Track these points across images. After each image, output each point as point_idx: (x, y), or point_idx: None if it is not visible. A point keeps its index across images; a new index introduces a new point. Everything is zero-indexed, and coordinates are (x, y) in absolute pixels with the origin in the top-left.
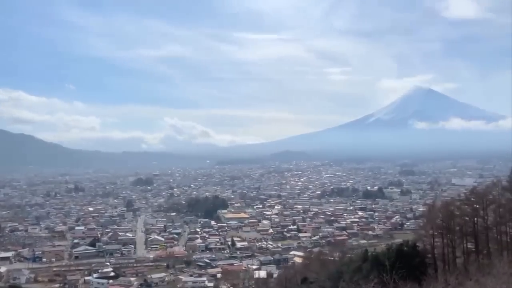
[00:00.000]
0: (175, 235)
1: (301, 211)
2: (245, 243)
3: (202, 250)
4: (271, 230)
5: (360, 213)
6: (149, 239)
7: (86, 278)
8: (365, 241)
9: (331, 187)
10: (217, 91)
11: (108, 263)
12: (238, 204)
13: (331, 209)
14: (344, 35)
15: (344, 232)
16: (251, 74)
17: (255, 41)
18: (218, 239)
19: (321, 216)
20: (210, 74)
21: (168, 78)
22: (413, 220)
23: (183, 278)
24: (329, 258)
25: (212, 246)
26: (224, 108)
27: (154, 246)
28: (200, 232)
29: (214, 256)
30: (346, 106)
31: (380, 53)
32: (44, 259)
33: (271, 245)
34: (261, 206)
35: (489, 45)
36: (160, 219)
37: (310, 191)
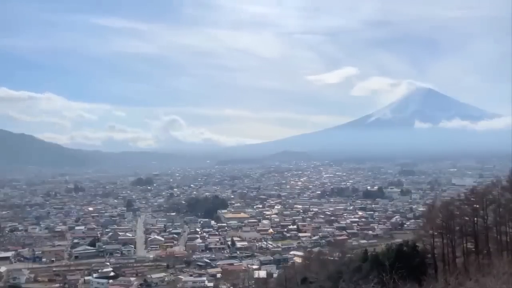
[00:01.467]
0: (175, 235)
1: (301, 211)
2: (245, 243)
3: (202, 250)
4: (271, 230)
5: (360, 213)
6: (149, 239)
7: (86, 278)
8: (365, 241)
9: (331, 187)
10: (217, 91)
11: (108, 263)
12: (238, 204)
13: (331, 209)
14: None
15: (344, 232)
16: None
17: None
18: (218, 239)
19: (321, 216)
20: (211, 75)
21: (168, 78)
22: (413, 220)
23: (183, 278)
24: (329, 258)
25: (212, 246)
26: (224, 108)
27: (154, 246)
28: (200, 232)
29: (214, 256)
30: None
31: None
32: (44, 259)
33: (271, 245)
34: (261, 206)
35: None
36: (160, 219)
37: (310, 191)
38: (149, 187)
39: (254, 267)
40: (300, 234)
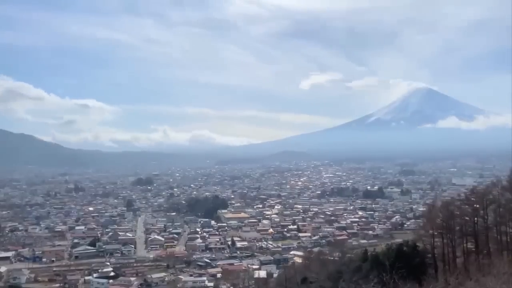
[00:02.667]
0: (175, 235)
1: (301, 211)
2: (245, 243)
3: (202, 250)
4: (271, 230)
5: (360, 213)
6: (149, 239)
7: (86, 278)
8: (365, 241)
9: (331, 187)
10: (217, 91)
11: (108, 263)
12: (238, 204)
13: (331, 209)
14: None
15: (344, 232)
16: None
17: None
18: (218, 239)
19: (321, 216)
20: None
21: (168, 77)
22: (413, 220)
23: (183, 278)
24: (329, 258)
25: (212, 246)
26: (224, 107)
27: (154, 246)
28: (200, 232)
29: (214, 256)
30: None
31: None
32: (44, 259)
33: (271, 245)
34: (261, 206)
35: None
36: (160, 219)
37: (310, 191)
38: (149, 187)
39: (254, 267)
40: (300, 234)
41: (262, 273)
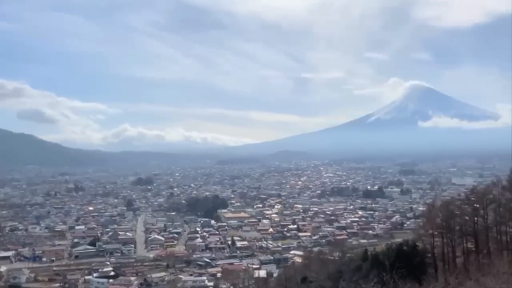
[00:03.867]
0: (175, 235)
1: (301, 210)
2: (245, 242)
3: (202, 250)
4: (271, 230)
5: (360, 212)
6: (149, 238)
7: (86, 277)
8: (365, 241)
9: (331, 186)
10: (217, 91)
11: (108, 263)
12: (238, 204)
13: (331, 208)
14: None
15: (344, 232)
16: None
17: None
18: (218, 239)
19: (321, 216)
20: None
21: (168, 78)
22: (413, 220)
23: (183, 277)
24: (329, 257)
25: (212, 245)
26: (224, 108)
27: (154, 246)
28: (200, 232)
29: (214, 256)
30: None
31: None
32: (44, 259)
33: (271, 244)
34: (261, 205)
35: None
36: (160, 218)
37: (310, 190)
38: (149, 187)
39: (254, 266)
40: (300, 234)
41: (262, 273)
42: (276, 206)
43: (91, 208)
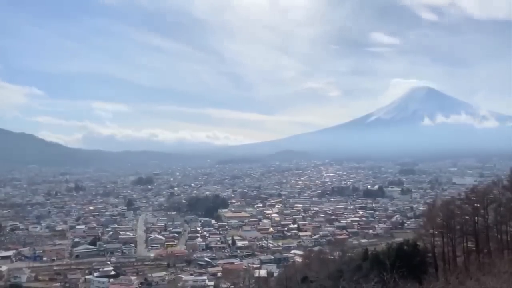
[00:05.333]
0: (175, 234)
1: (302, 210)
2: (246, 242)
3: (203, 249)
4: (271, 229)
5: (360, 212)
6: (149, 238)
7: (87, 277)
8: (365, 240)
9: (332, 186)
10: (218, 91)
11: (109, 262)
12: (239, 203)
13: (331, 208)
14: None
15: (345, 231)
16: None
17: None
18: (218, 238)
19: (322, 215)
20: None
21: (168, 78)
22: (414, 219)
23: (184, 277)
24: (329, 257)
25: (212, 245)
26: (223, 108)
27: (154, 245)
28: (200, 231)
29: (214, 255)
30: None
31: None
32: (44, 258)
33: (272, 244)
34: (261, 205)
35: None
36: (160, 218)
37: (311, 190)
38: (149, 186)
39: (255, 266)
40: (301, 233)
41: (263, 272)
42: (276, 206)
43: (91, 208)
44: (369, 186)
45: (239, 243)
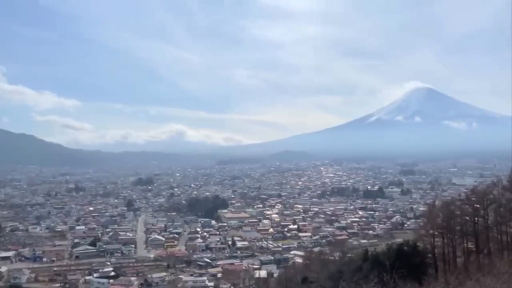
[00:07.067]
0: (175, 235)
1: (302, 210)
2: (246, 242)
3: (203, 250)
4: (271, 230)
5: (360, 212)
6: (149, 238)
7: (87, 277)
8: (365, 241)
9: (332, 186)
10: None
11: (109, 263)
12: (239, 204)
13: (331, 208)
14: None
15: (345, 232)
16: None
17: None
18: (218, 239)
19: (322, 216)
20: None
21: (168, 78)
22: (414, 220)
23: (184, 277)
24: (329, 257)
25: (212, 245)
26: (224, 108)
27: (154, 246)
28: (200, 232)
29: (214, 256)
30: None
31: None
32: (44, 259)
33: (272, 244)
34: (261, 205)
35: None
36: (160, 218)
37: (311, 190)
38: (149, 187)
39: (255, 266)
40: (301, 234)
41: (263, 273)
42: (276, 206)
43: (91, 208)
44: (369, 187)
45: (239, 244)
